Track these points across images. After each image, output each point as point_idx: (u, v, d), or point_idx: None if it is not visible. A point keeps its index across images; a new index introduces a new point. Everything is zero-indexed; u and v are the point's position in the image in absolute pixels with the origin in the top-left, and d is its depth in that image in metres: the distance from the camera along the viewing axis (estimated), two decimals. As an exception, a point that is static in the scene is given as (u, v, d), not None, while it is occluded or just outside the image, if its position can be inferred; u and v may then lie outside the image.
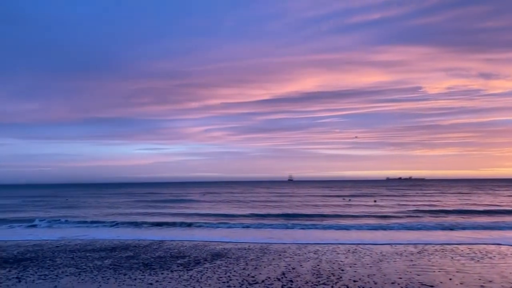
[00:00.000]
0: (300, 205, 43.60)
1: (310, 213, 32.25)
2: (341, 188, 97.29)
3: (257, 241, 17.43)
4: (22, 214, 36.60)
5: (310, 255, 13.53)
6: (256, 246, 15.72)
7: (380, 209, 36.17)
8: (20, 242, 17.96)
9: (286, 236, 19.18)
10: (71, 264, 12.08)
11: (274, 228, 22.70)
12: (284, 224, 24.63)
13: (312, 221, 26.21)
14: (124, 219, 29.79)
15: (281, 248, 15.25)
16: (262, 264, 12.01)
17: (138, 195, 75.02)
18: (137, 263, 12.23)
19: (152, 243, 17.04)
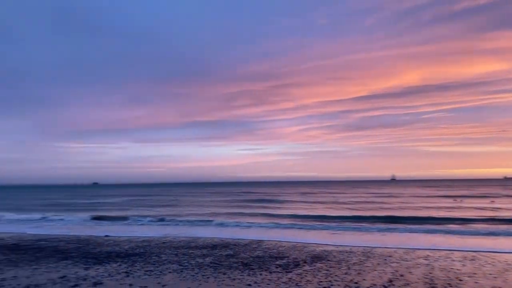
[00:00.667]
0: (404, 206, 40.98)
1: (415, 215, 30.00)
2: (449, 188, 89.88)
3: (359, 244, 16.47)
4: (133, 211, 39.67)
5: (419, 261, 12.30)
6: (358, 249, 14.82)
7: (498, 212, 32.40)
8: (132, 238, 19.23)
9: (390, 240, 17.90)
10: (174, 261, 12.45)
11: (377, 231, 21.40)
12: (387, 226, 23.15)
13: (418, 224, 24.27)
14: (224, 218, 30.62)
15: (386, 252, 14.16)
16: (366, 269, 11.17)
17: (237, 194, 77.23)
18: (237, 262, 12.18)
19: (251, 242, 17.03)
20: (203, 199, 60.99)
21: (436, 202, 46.66)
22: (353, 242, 17.11)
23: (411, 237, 19.00)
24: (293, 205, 45.57)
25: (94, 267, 11.42)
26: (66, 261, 12.54)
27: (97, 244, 16.87)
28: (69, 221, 29.96)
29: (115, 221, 29.72)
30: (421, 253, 13.92)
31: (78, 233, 21.88)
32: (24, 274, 10.50)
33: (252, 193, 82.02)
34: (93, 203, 56.04)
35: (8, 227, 25.83)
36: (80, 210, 42.40)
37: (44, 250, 15.15)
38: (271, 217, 30.54)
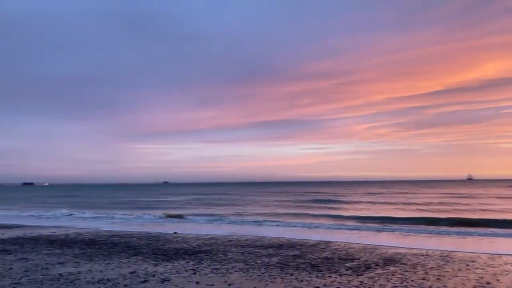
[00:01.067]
0: (483, 208, 38.02)
1: (497, 218, 27.59)
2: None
3: (435, 247, 15.32)
4: (201, 210, 40.57)
5: (508, 268, 11.09)
6: (434, 253, 13.75)
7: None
8: (199, 235, 19.49)
9: (470, 244, 16.51)
10: (240, 260, 12.31)
11: (454, 234, 19.86)
12: (465, 230, 21.45)
13: (501, 228, 22.22)
14: (289, 217, 30.28)
15: (467, 257, 12.98)
16: (446, 274, 10.24)
17: (302, 194, 76.48)
18: (304, 263, 11.76)
19: (318, 243, 16.51)
20: (268, 199, 61.08)
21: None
22: (428, 245, 15.97)
23: (494, 241, 17.41)
24: (361, 206, 44.11)
25: (162, 264, 11.58)
26: (136, 257, 12.88)
27: (166, 240, 17.27)
28: (141, 219, 31.23)
29: (183, 219, 30.51)
30: (508, 258, 12.59)
31: (149, 230, 22.65)
32: (98, 268, 10.88)
33: (318, 193, 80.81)
34: (163, 201, 58.32)
35: (86, 223, 27.46)
36: (151, 208, 44.23)
37: (117, 245, 15.75)
38: (338, 218, 29.67)
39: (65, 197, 78.85)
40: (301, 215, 31.75)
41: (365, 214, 31.88)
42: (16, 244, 16.04)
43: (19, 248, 14.70)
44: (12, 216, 35.55)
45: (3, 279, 9.44)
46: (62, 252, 13.77)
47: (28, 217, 33.65)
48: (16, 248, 14.69)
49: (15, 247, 14.99)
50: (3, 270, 10.50)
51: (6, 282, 9.13)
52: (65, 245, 15.78)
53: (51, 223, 27.72)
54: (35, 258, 12.43)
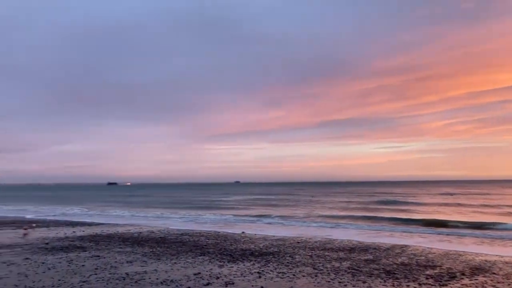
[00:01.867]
0: None
1: None
2: None
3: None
4: (270, 210, 40.29)
5: None
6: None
7: None
8: (267, 236, 19.07)
9: None
10: (308, 263, 11.64)
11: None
12: None
13: None
14: (360, 220, 28.97)
15: None
16: (549, 288, 8.81)
17: (374, 194, 73.52)
18: (378, 269, 10.82)
19: (393, 247, 15.33)
20: (336, 199, 59.42)
21: None
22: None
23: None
24: (440, 208, 41.23)
25: (228, 265, 11.26)
26: (203, 257, 12.72)
27: (234, 241, 17.05)
28: (211, 218, 31.60)
29: (252, 219, 30.35)
30: None
31: (218, 229, 22.70)
32: (163, 268, 10.81)
33: (391, 193, 77.37)
34: (235, 201, 59.00)
35: (160, 222, 28.28)
36: (223, 208, 44.82)
37: (185, 244, 15.79)
38: (412, 221, 27.80)
39: (143, 196, 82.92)
40: (372, 218, 30.22)
41: (446, 218, 29.61)
42: (93, 241, 16.71)
43: (94, 245, 15.25)
44: (91, 214, 37.83)
45: (74, 276, 9.65)
46: (132, 250, 14.02)
47: (107, 216, 35.56)
48: (92, 245, 15.26)
49: (91, 244, 15.59)
50: (76, 267, 10.78)
51: (75, 279, 9.29)
52: (137, 243, 16.14)
53: (127, 221, 28.94)
54: (106, 256, 12.73)
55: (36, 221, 27.18)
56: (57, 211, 41.43)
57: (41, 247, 14.86)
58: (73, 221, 28.88)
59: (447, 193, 72.38)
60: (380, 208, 39.82)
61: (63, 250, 14.11)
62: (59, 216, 34.40)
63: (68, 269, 10.56)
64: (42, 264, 11.21)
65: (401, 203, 46.96)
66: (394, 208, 39.65)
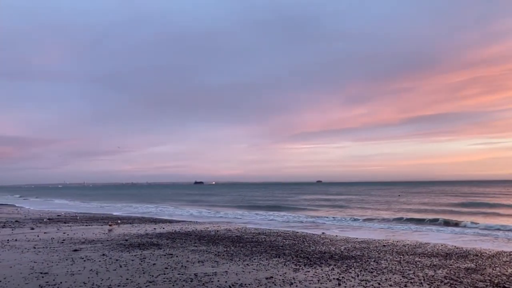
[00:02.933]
0: None
1: None
2: None
3: None
4: (354, 210, 38.36)
5: None
6: None
7: None
8: (349, 238, 17.71)
9: None
10: (396, 270, 10.20)
11: None
12: None
13: None
14: (455, 221, 26.18)
15: None
16: None
17: (466, 194, 67.37)
18: (483, 281, 9.09)
19: (499, 253, 13.18)
20: (426, 200, 55.22)
21: None
22: None
23: None
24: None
25: (304, 269, 10.23)
26: (278, 258, 11.83)
27: (313, 242, 15.96)
28: (291, 218, 30.72)
29: (333, 219, 28.91)
30: None
31: (296, 229, 21.74)
32: (235, 269, 10.10)
33: (489, 194, 70.42)
34: (315, 200, 57.55)
35: (239, 220, 28.04)
36: (302, 209, 43.76)
37: (261, 244, 15.05)
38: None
39: (225, 195, 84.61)
40: (466, 219, 27.17)
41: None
42: (170, 238, 16.65)
43: (169, 243, 15.10)
44: (172, 212, 38.95)
45: (142, 275, 9.29)
46: (206, 249, 13.57)
47: (187, 214, 36.33)
48: (167, 243, 15.12)
49: (167, 242, 15.48)
50: (147, 266, 10.49)
51: (143, 279, 8.90)
52: (212, 241, 15.74)
53: (206, 219, 29.13)
54: (179, 255, 12.38)
55: (122, 218, 28.37)
56: (141, 209, 43.39)
57: (120, 243, 15.04)
58: (156, 218, 29.77)
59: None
60: (476, 211, 35.97)
61: (140, 247, 14.09)
62: (145, 213, 35.85)
63: (139, 267, 10.29)
64: (116, 261, 11.11)
65: (498, 206, 42.17)
66: (491, 212, 35.56)
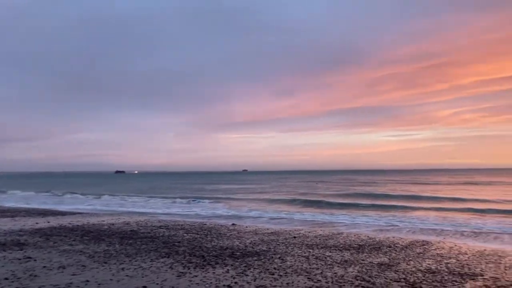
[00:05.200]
0: None
1: None
2: None
3: None
4: (270, 195, 37.41)
5: None
6: None
7: None
8: (259, 229, 16.17)
9: None
10: (302, 270, 8.63)
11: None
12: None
13: None
14: (372, 209, 25.96)
15: None
16: None
17: (382, 182, 70.42)
18: (397, 280, 7.80)
19: (412, 244, 12.31)
20: (343, 187, 56.40)
21: None
22: None
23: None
24: (455, 195, 38.10)
25: (192, 273, 8.28)
26: (166, 259, 9.75)
27: (218, 235, 14.10)
28: (206, 208, 28.78)
29: (248, 208, 27.41)
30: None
31: (206, 220, 19.83)
32: (101, 277, 7.86)
33: (401, 181, 74.21)
34: (238, 189, 56.19)
35: (146, 210, 25.44)
36: (220, 199, 42.00)
37: (155, 240, 12.87)
38: (428, 210, 24.76)
39: (148, 184, 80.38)
40: (384, 207, 27.19)
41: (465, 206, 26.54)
42: (45, 235, 13.80)
43: (40, 242, 12.32)
44: (75, 202, 35.20)
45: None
46: (82, 250, 11.07)
47: (93, 204, 32.84)
48: (37, 242, 12.33)
49: (38, 240, 12.67)
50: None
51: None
52: (96, 238, 13.20)
53: (112, 208, 26.19)
54: (41, 258, 9.79)
55: (7, 210, 24.47)
56: (41, 199, 38.86)
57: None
58: (49, 209, 26.13)
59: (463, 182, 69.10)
60: (392, 196, 36.78)
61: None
62: (42, 204, 31.73)
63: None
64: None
65: (411, 195, 43.86)
66: (407, 196, 36.60)
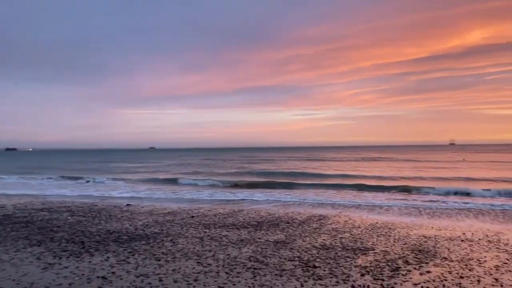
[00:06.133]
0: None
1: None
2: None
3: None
4: (179, 175, 36.22)
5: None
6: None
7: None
8: (156, 208, 15.16)
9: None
10: (193, 253, 7.93)
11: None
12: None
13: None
14: (274, 187, 26.15)
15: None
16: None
17: (287, 159, 72.71)
18: (292, 259, 7.48)
19: (310, 218, 12.30)
20: (246, 166, 57.01)
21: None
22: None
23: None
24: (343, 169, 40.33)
25: (62, 264, 7.12)
26: (36, 247, 8.41)
27: (107, 217, 12.82)
28: (101, 185, 26.74)
29: (147, 186, 26.04)
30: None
31: (100, 200, 18.22)
32: None
33: (302, 158, 77.20)
34: (140, 167, 53.70)
35: (35, 191, 22.79)
36: (120, 178, 39.66)
37: (31, 225, 11.25)
38: (328, 187, 25.65)
39: (44, 163, 73.45)
40: (284, 183, 27.65)
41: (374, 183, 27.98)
42: None
43: None
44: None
45: None
46: None
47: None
48: None
49: None
50: None
51: None
52: (-44, 226, 11.20)
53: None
54: None
55: None
56: None
57: None
58: None
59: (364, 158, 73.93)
60: (294, 173, 37.75)
61: None
62: None
63: None
64: None
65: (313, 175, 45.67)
66: (299, 172, 37.85)
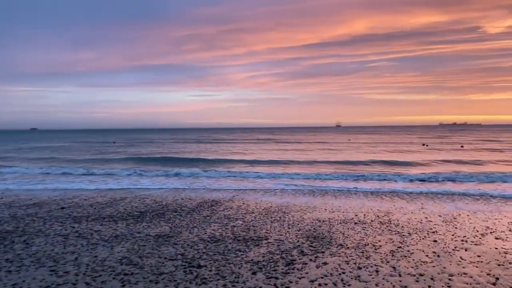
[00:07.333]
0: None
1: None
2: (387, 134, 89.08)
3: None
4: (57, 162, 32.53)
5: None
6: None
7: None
8: (20, 199, 12.82)
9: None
10: (49, 258, 6.40)
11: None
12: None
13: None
14: (171, 170, 24.63)
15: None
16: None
17: (186, 140, 70.93)
18: (174, 258, 6.39)
19: (201, 205, 11.25)
20: (139, 149, 54.19)
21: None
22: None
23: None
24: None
25: None
26: None
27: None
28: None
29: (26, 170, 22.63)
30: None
31: None
32: None
33: (202, 139, 76.04)
34: (21, 150, 47.45)
35: None
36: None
37: None
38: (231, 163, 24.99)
39: None
40: (176, 166, 26.30)
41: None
42: None
43: None
44: None
45: None
46: None
47: None
48: None
49: None
50: None
51: None
52: None
53: None
54: None
55: None
56: None
57: None
58: None
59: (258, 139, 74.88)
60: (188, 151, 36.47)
61: None
62: None
63: None
64: None
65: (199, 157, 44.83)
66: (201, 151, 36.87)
